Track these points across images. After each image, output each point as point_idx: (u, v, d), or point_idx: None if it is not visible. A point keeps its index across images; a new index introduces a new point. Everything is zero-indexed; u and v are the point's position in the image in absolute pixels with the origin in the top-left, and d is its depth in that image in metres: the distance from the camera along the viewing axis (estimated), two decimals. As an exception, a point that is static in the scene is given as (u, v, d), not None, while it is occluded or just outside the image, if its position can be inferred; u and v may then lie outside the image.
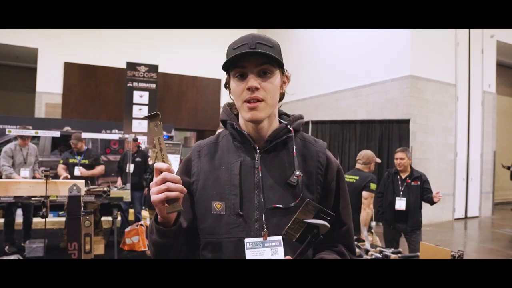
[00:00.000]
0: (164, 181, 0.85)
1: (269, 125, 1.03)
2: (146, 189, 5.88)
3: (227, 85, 1.05)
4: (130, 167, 5.53)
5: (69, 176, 5.04)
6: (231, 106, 1.11)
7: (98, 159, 5.61)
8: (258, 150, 1.01)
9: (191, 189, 1.03)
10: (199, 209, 1.01)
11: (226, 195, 0.98)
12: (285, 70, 1.05)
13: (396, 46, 7.87)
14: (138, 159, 5.91)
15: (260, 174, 0.99)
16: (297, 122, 1.08)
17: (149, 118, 0.86)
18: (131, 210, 6.36)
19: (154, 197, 0.85)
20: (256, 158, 1.00)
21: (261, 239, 0.95)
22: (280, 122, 1.07)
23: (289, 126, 1.05)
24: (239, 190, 0.98)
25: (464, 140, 8.61)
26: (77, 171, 5.22)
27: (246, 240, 0.95)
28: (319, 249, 1.03)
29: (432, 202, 3.83)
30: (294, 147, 1.02)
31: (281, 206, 0.96)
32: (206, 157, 1.05)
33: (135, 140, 5.97)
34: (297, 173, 0.98)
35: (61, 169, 5.28)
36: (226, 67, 1.00)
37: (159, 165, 0.86)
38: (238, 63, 0.97)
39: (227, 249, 0.95)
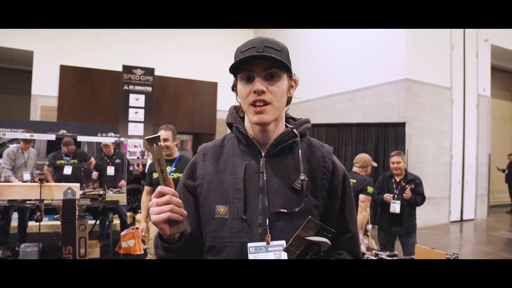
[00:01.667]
0: (168, 203, 0.85)
1: (275, 129, 1.02)
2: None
3: (234, 88, 1.04)
4: (111, 170, 5.56)
5: (52, 182, 5.13)
6: (237, 109, 1.11)
7: (86, 156, 5.87)
8: (263, 154, 1.01)
9: (196, 192, 1.03)
10: (203, 212, 1.01)
11: (230, 199, 0.98)
12: (293, 74, 1.04)
13: (392, 49, 7.92)
14: (117, 160, 5.90)
15: (264, 178, 0.98)
16: (304, 127, 1.07)
17: (149, 140, 0.85)
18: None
19: (155, 217, 0.85)
20: (261, 162, 1.00)
21: (264, 243, 0.94)
22: (286, 126, 1.06)
23: (295, 130, 1.04)
24: (243, 194, 0.97)
25: (459, 143, 8.66)
26: (67, 170, 5.39)
27: (249, 244, 0.94)
28: (324, 256, 1.02)
29: (410, 202, 3.84)
30: (300, 152, 1.01)
31: (285, 211, 0.96)
32: (211, 160, 1.05)
33: (114, 143, 5.98)
34: (302, 177, 0.97)
35: (47, 173, 5.39)
36: (234, 69, 0.99)
37: (165, 189, 0.86)
38: (245, 66, 0.96)
39: (230, 253, 0.95)
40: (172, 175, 3.10)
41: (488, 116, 9.41)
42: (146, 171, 3.76)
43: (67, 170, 5.43)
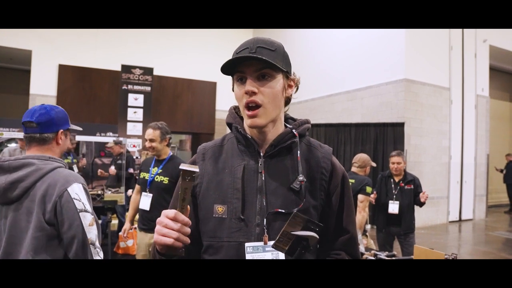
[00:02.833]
0: (177, 231, 0.84)
1: (274, 129, 1.02)
2: (129, 190, 5.84)
3: (233, 89, 1.04)
4: (113, 170, 5.60)
5: None
6: (237, 109, 1.11)
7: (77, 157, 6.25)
8: (262, 154, 1.01)
9: (195, 192, 1.03)
10: (202, 211, 1.01)
11: (228, 199, 0.98)
12: (292, 74, 1.04)
13: (391, 50, 7.92)
14: (119, 161, 5.90)
15: (263, 179, 0.98)
16: (303, 127, 1.07)
17: (185, 172, 0.84)
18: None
19: (159, 238, 0.84)
20: (260, 163, 1.00)
21: (261, 243, 0.94)
22: (286, 127, 1.06)
23: (294, 131, 1.04)
24: (241, 194, 0.97)
25: (458, 143, 8.67)
26: (75, 169, 5.57)
27: (246, 244, 0.94)
28: (322, 257, 1.02)
29: (421, 204, 3.85)
30: (299, 152, 1.01)
31: (283, 211, 0.95)
32: (210, 160, 1.05)
33: (117, 143, 5.98)
34: (301, 178, 0.97)
35: None
36: (228, 71, 0.99)
37: (179, 217, 0.84)
38: (238, 68, 0.97)
39: (228, 253, 0.95)
40: (156, 178, 2.89)
41: (487, 116, 9.42)
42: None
43: (75, 169, 5.62)
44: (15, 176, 1.40)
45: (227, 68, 0.98)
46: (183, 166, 0.85)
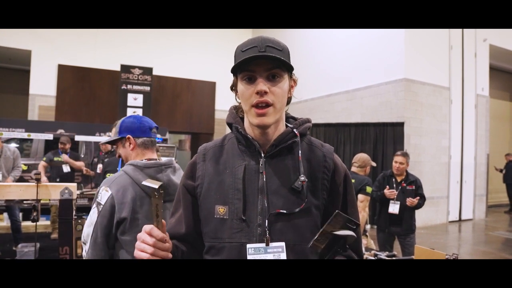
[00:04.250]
0: (153, 246, 0.84)
1: (275, 129, 1.01)
2: None
3: (233, 88, 1.03)
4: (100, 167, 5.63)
5: (46, 180, 5.33)
6: (237, 109, 1.10)
7: (78, 157, 6.20)
8: (262, 155, 1.00)
9: (196, 193, 1.02)
10: (203, 212, 1.01)
11: (229, 200, 0.97)
12: (293, 74, 1.03)
13: (391, 49, 7.92)
14: (107, 159, 5.89)
15: (264, 179, 0.97)
16: (304, 126, 1.06)
17: (149, 189, 0.84)
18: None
19: (136, 253, 0.85)
20: (261, 163, 0.99)
21: (263, 244, 0.93)
22: (286, 126, 1.06)
23: (295, 130, 1.03)
24: (243, 194, 0.96)
25: (458, 143, 8.66)
26: (66, 168, 5.64)
27: (248, 245, 0.94)
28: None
29: (415, 207, 3.84)
30: (300, 152, 1.01)
31: (284, 211, 0.95)
32: (211, 160, 1.04)
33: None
34: (302, 178, 0.96)
35: (41, 168, 5.60)
36: (234, 70, 0.98)
37: (154, 232, 0.85)
38: (247, 66, 0.95)
39: (230, 254, 0.94)
40: None
41: (487, 116, 9.42)
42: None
43: (66, 168, 5.63)
44: (177, 174, 1.61)
45: (237, 67, 0.97)
46: (146, 183, 0.84)
